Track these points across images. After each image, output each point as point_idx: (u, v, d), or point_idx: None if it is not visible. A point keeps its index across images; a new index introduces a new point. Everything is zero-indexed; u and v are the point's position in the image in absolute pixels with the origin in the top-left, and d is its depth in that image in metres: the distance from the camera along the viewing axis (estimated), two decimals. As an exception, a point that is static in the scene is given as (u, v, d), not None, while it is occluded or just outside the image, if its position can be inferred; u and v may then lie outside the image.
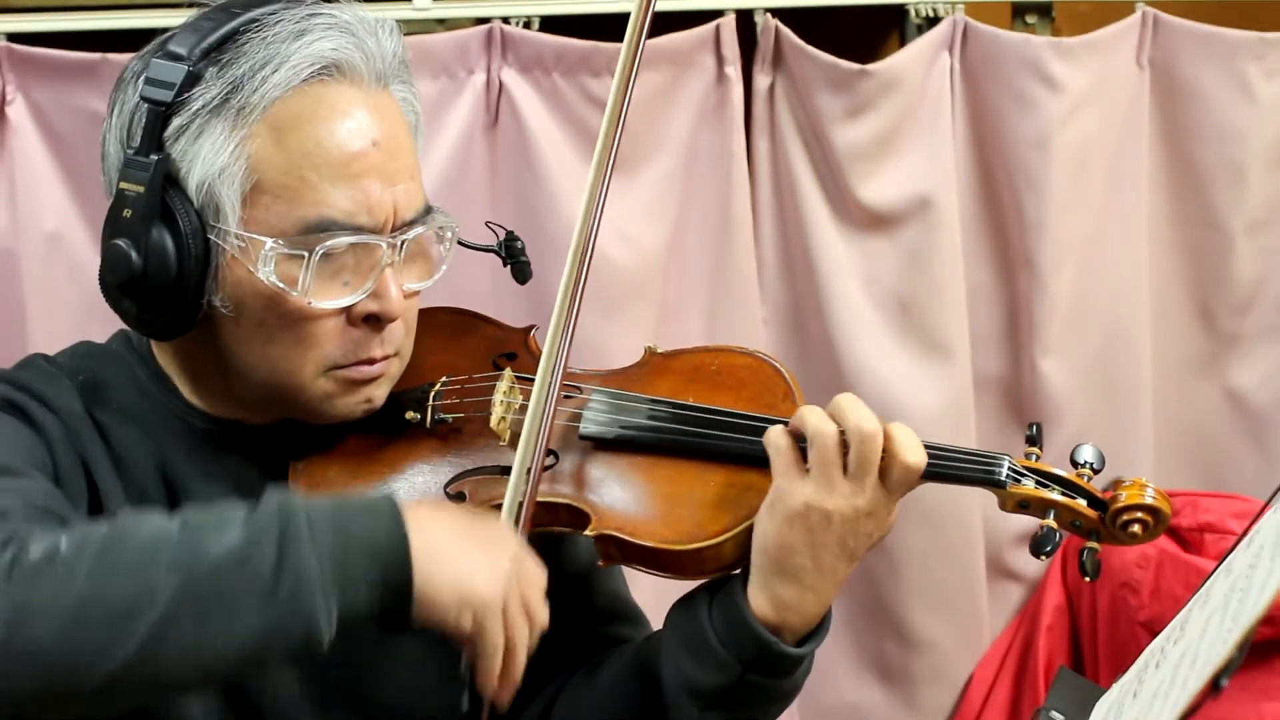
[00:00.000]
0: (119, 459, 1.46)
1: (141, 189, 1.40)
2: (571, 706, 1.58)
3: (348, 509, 1.27)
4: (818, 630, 1.46)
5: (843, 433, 1.40)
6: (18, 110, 2.31)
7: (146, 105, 1.41)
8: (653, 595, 1.72)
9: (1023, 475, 1.44)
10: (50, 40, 2.32)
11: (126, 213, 1.40)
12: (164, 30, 1.49)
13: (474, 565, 1.29)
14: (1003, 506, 1.46)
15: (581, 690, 1.58)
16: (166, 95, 1.40)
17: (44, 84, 2.31)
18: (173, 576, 1.19)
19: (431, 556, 1.27)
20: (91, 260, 2.35)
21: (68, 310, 2.36)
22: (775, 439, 1.41)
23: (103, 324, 2.34)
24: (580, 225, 1.41)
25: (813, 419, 1.40)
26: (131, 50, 2.30)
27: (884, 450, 1.41)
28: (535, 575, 1.35)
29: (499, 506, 1.42)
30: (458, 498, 1.46)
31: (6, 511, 1.28)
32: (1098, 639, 2.57)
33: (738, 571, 1.46)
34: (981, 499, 2.58)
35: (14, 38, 2.31)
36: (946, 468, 1.45)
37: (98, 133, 2.30)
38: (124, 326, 1.53)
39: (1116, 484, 1.45)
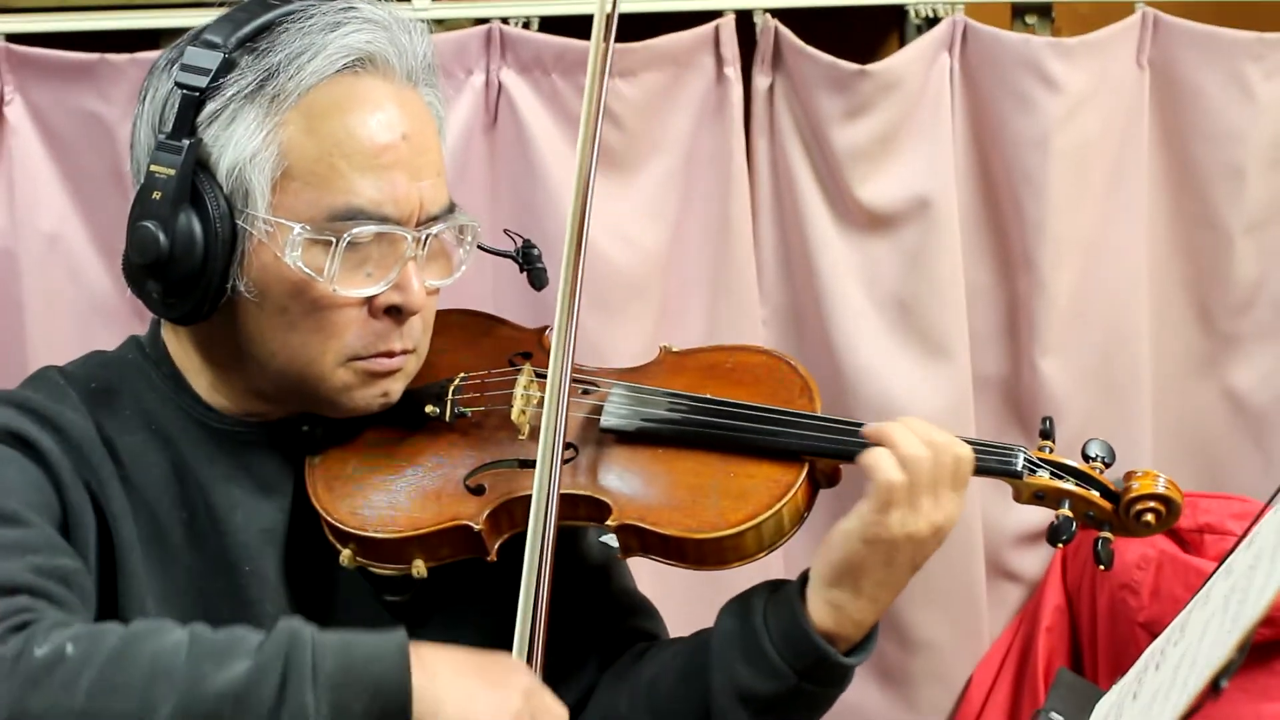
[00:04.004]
0: (128, 477, 1.47)
1: (172, 172, 1.41)
2: (610, 703, 1.58)
3: (355, 648, 1.26)
4: (868, 641, 1.48)
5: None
6: (16, 110, 2.31)
7: (181, 91, 1.43)
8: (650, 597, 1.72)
9: (1038, 467, 1.48)
10: (49, 40, 2.32)
11: (156, 195, 1.41)
12: (163, 31, 1.50)
13: (481, 707, 1.27)
14: (1018, 498, 1.49)
15: (620, 687, 1.58)
16: (201, 81, 1.42)
17: (43, 84, 2.31)
18: (172, 703, 1.20)
19: (436, 699, 1.26)
20: (91, 260, 2.36)
21: (66, 310, 2.36)
22: (892, 473, 1.42)
23: (103, 324, 2.36)
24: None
25: (908, 444, 1.43)
26: (130, 50, 2.31)
27: None
28: (552, 711, 1.33)
29: (519, 499, 1.43)
30: (477, 490, 1.48)
31: (14, 582, 1.28)
32: (1097, 640, 2.57)
33: (794, 578, 1.48)
34: (982, 499, 2.59)
35: (13, 38, 2.31)
36: None
37: (97, 133, 2.33)
38: (129, 333, 1.54)
39: (1129, 476, 1.48)
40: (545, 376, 1.46)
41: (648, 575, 1.74)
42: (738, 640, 1.48)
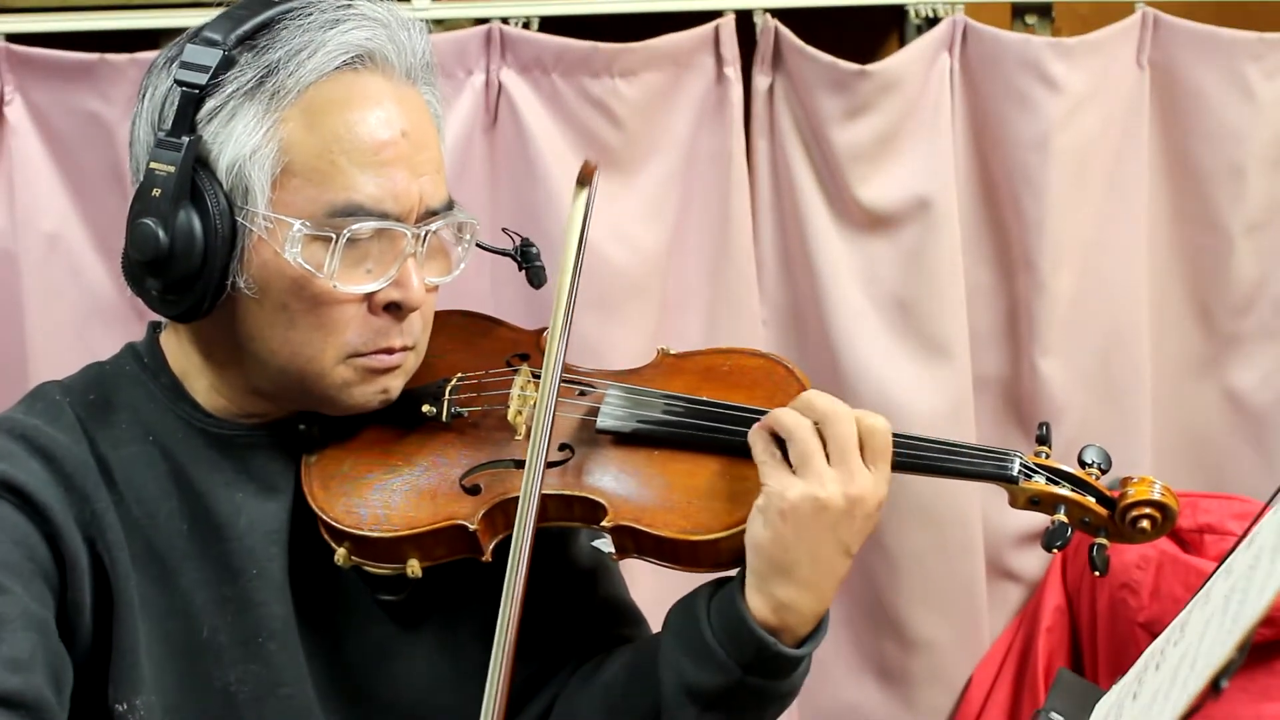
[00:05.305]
0: (123, 498, 1.47)
1: (172, 169, 1.41)
2: (570, 706, 1.58)
3: None
4: (816, 631, 1.46)
5: (817, 424, 1.42)
6: (16, 110, 2.31)
7: (180, 88, 1.42)
8: (649, 597, 1.72)
9: (1034, 472, 1.47)
10: (49, 40, 2.32)
11: (155, 192, 1.41)
12: (162, 31, 1.50)
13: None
14: (1013, 503, 1.49)
15: (579, 690, 1.58)
16: (201, 78, 1.42)
17: (43, 84, 2.31)
18: None
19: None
20: (91, 261, 2.36)
21: (66, 310, 2.36)
22: (753, 436, 1.43)
23: (102, 325, 2.36)
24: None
25: (784, 416, 1.42)
26: (130, 50, 2.32)
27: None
28: None
29: (514, 499, 1.43)
30: (472, 490, 1.47)
31: None
32: (1097, 640, 2.57)
33: (735, 572, 1.47)
34: (982, 499, 2.59)
35: (13, 38, 2.31)
36: (961, 463, 1.47)
37: (97, 133, 2.33)
38: (129, 333, 1.53)
39: (1125, 482, 1.47)
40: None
41: (647, 577, 1.74)
42: (682, 635, 1.47)
